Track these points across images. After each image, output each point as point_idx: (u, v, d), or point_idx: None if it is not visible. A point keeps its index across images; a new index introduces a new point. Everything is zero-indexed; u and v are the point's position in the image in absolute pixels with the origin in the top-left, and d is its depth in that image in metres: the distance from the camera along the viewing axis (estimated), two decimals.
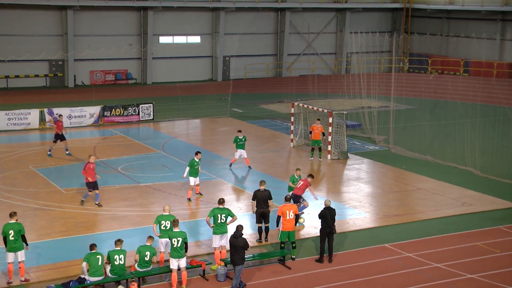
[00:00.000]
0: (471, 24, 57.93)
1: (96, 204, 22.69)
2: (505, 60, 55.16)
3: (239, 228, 16.73)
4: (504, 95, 46.11)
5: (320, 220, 18.47)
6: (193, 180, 23.53)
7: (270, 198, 19.65)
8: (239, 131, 28.37)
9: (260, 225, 19.75)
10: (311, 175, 21.51)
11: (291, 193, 21.15)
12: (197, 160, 23.47)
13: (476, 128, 34.77)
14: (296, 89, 48.73)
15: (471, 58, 57.02)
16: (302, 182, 21.29)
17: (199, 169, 23.72)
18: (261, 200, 19.52)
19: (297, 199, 20.98)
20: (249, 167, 27.99)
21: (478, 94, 43.64)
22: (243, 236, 16.65)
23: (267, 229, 19.77)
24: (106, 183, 25.65)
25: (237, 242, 16.40)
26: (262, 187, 19.81)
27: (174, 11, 53.64)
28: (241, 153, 27.84)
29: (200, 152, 24.03)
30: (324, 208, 18.46)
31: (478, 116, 38.09)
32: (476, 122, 36.74)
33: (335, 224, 18.54)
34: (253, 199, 19.74)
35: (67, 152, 29.98)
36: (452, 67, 57.30)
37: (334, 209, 18.65)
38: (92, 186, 22.64)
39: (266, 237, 19.80)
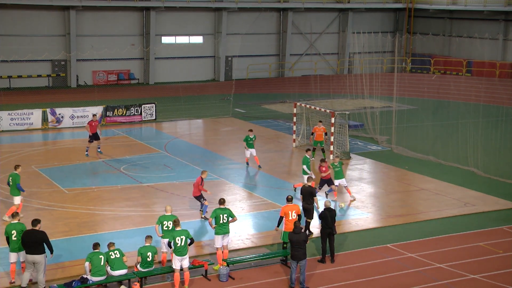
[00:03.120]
0: (474, 24, 57.89)
1: (203, 217, 21.58)
2: (508, 60, 55.10)
3: (297, 224, 16.95)
4: (507, 95, 46.07)
5: (320, 221, 18.53)
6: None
7: (314, 195, 20.23)
8: (250, 130, 28.54)
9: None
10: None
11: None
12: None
13: (479, 128, 34.76)
14: (299, 89, 48.73)
15: (473, 58, 56.96)
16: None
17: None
18: (305, 196, 20.04)
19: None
20: (259, 166, 28.17)
21: (481, 94, 43.58)
22: (302, 231, 16.90)
23: (308, 224, 19.96)
24: (108, 183, 25.72)
25: (300, 237, 16.58)
26: (308, 183, 20.48)
27: (176, 11, 53.68)
28: (251, 151, 28.13)
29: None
30: (324, 209, 18.51)
31: (480, 116, 38.06)
32: (478, 122, 36.72)
33: (335, 224, 18.59)
34: (301, 193, 20.41)
35: (99, 150, 30.21)
36: (454, 67, 57.24)
37: (334, 210, 18.74)
38: (200, 198, 21.59)
39: (309, 232, 20.09)
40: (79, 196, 23.93)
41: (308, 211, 20.01)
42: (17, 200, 21.19)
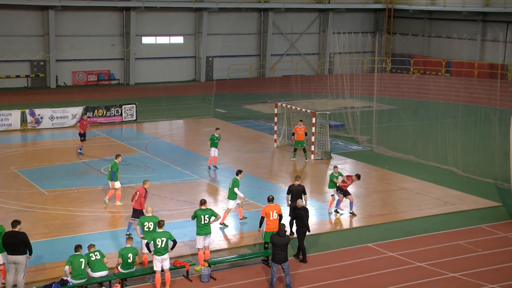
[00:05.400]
0: (453, 25, 58.41)
1: (127, 234, 19.72)
2: (486, 61, 55.66)
3: (282, 226, 16.87)
4: (485, 95, 46.52)
5: (295, 220, 18.61)
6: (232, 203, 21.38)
7: (305, 193, 20.22)
8: (217, 128, 28.48)
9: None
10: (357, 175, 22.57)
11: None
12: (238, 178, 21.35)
13: (458, 128, 35.07)
14: (280, 89, 48.80)
15: (452, 58, 57.47)
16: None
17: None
18: (295, 195, 19.96)
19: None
20: (215, 166, 28.07)
21: (460, 94, 43.99)
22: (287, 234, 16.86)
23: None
24: (89, 184, 25.55)
25: (283, 240, 16.52)
26: (297, 182, 20.37)
27: (157, 12, 53.48)
28: (214, 151, 27.89)
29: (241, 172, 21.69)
30: (299, 208, 18.59)
31: (460, 116, 38.41)
32: (458, 122, 37.04)
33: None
34: (288, 193, 20.35)
35: (80, 151, 30.05)
36: (434, 67, 57.72)
37: (307, 209, 18.93)
38: (140, 213, 19.53)
39: (290, 233, 20.08)
40: (59, 198, 23.75)
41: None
42: (117, 184, 22.85)
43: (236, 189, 21.03)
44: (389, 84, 52.40)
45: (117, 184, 23.05)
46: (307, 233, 18.62)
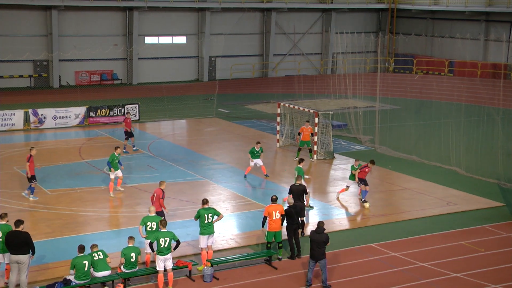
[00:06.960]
0: (456, 25, 58.35)
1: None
2: (489, 61, 55.59)
3: (321, 224, 16.95)
4: (488, 95, 46.46)
5: (286, 218, 18.69)
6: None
7: (306, 193, 20.51)
8: (258, 142, 27.19)
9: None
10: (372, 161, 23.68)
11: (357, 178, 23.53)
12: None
13: (461, 128, 35.00)
14: (282, 89, 48.79)
15: (455, 58, 57.41)
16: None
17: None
18: (296, 194, 20.05)
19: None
20: (266, 175, 26.94)
21: (463, 94, 43.92)
22: (325, 232, 16.92)
23: (302, 222, 19.84)
24: (91, 184, 25.58)
25: (320, 238, 16.65)
26: (298, 182, 20.58)
27: (159, 11, 53.52)
28: (256, 162, 26.78)
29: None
30: (288, 206, 18.70)
31: (462, 116, 38.34)
32: (460, 122, 36.96)
33: (303, 218, 19.36)
34: (289, 193, 20.42)
35: (134, 148, 30.71)
36: (437, 67, 57.66)
37: (298, 206, 19.06)
38: (162, 214, 19.61)
39: (302, 232, 20.03)
40: (61, 197, 23.78)
41: (301, 209, 19.98)
42: (119, 173, 24.13)
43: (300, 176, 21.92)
44: (391, 84, 52.35)
45: (110, 175, 24.12)
46: (300, 230, 18.74)
